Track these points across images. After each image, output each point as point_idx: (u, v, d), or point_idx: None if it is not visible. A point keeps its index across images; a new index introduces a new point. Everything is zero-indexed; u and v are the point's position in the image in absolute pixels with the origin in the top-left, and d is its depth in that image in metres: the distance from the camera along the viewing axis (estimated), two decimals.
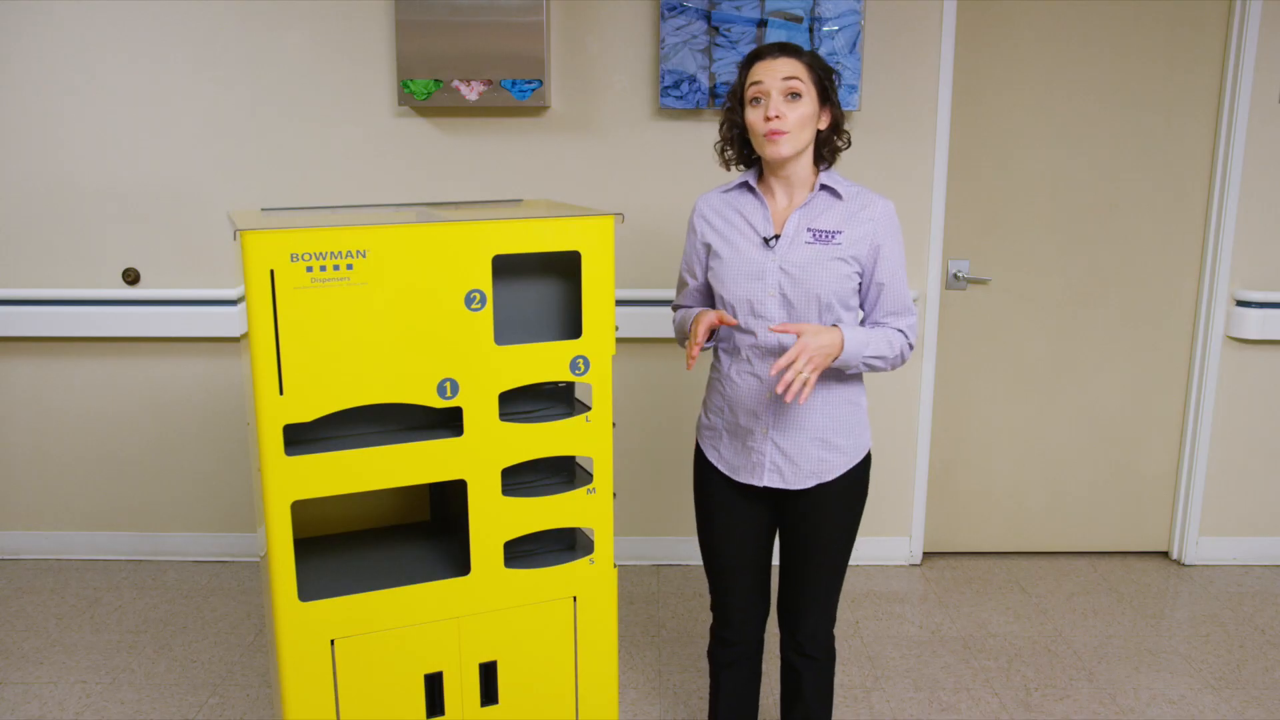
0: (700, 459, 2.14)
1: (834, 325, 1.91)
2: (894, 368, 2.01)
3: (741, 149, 2.04)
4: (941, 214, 3.33)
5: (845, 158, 3.26)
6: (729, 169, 2.09)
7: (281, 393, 1.71)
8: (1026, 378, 3.53)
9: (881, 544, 3.57)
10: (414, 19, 3.08)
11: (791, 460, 2.01)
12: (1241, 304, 3.40)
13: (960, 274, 3.43)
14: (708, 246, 2.04)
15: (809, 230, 1.95)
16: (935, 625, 3.15)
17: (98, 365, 3.46)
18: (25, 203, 3.34)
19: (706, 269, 2.06)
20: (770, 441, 2.01)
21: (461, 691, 1.97)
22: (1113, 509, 3.63)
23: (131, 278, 3.38)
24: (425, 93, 3.13)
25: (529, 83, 3.12)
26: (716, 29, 3.13)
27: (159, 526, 3.58)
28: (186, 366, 3.45)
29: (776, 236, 1.97)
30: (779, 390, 1.81)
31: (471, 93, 3.13)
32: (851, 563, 3.58)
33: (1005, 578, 3.49)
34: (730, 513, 2.11)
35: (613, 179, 3.29)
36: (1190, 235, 3.44)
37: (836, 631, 3.11)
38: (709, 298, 2.10)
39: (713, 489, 2.12)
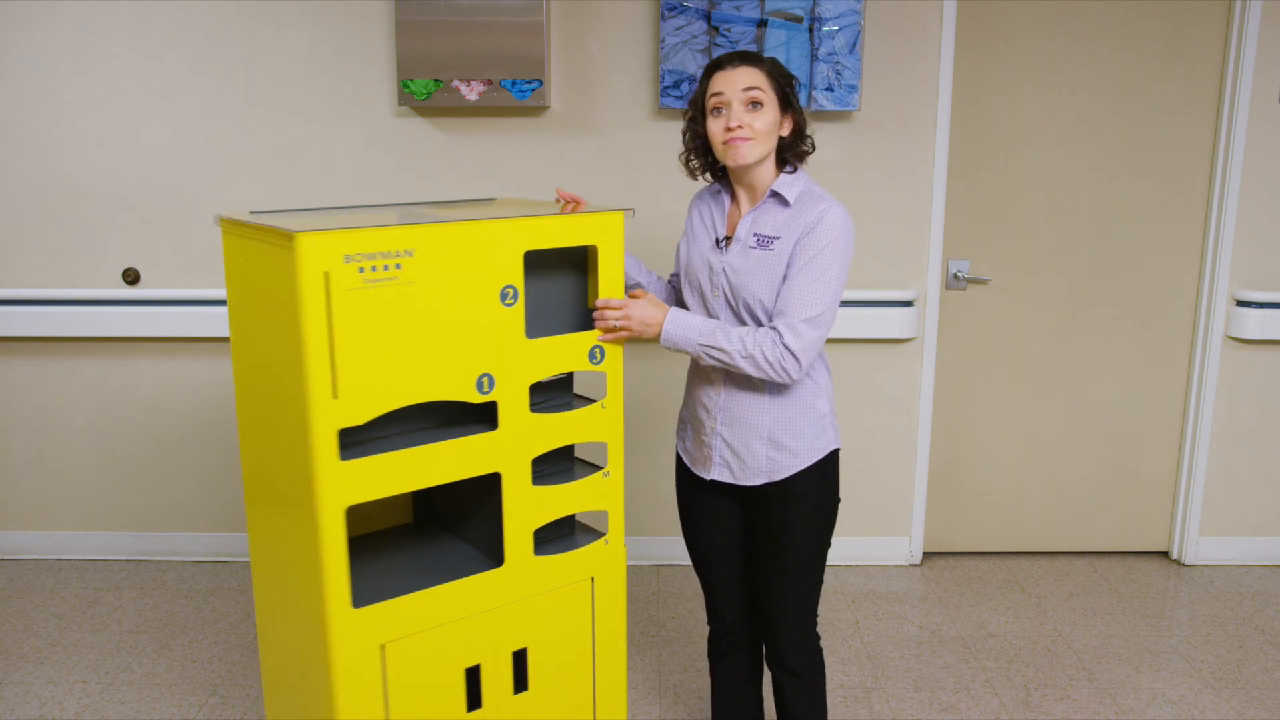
0: (676, 451, 2.19)
1: (668, 308, 1.96)
2: (760, 371, 1.89)
3: (706, 158, 2.04)
4: (941, 214, 3.33)
5: (846, 156, 3.29)
6: (695, 179, 2.10)
7: (336, 396, 1.69)
8: (1026, 378, 3.53)
9: (881, 544, 3.58)
10: (414, 19, 3.08)
11: (739, 457, 2.01)
12: (1241, 304, 3.40)
13: (960, 274, 3.43)
14: (683, 244, 2.13)
15: (754, 235, 1.96)
16: (935, 625, 3.15)
17: (98, 365, 3.46)
18: (25, 202, 3.35)
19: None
20: (719, 436, 2.03)
21: (496, 682, 2.01)
22: (1113, 509, 3.63)
23: (131, 278, 3.38)
24: (425, 93, 3.13)
25: (529, 83, 3.12)
26: (716, 29, 3.13)
27: (159, 526, 3.58)
28: (186, 366, 3.45)
29: (728, 238, 2.00)
30: (595, 318, 1.94)
31: (471, 93, 3.13)
32: (851, 563, 3.58)
33: (1005, 578, 3.49)
34: (700, 505, 2.14)
35: (613, 179, 3.29)
36: (1190, 235, 3.44)
37: (837, 632, 3.11)
38: None
39: (683, 481, 2.17)
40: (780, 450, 1.99)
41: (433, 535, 2.18)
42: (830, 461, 2.04)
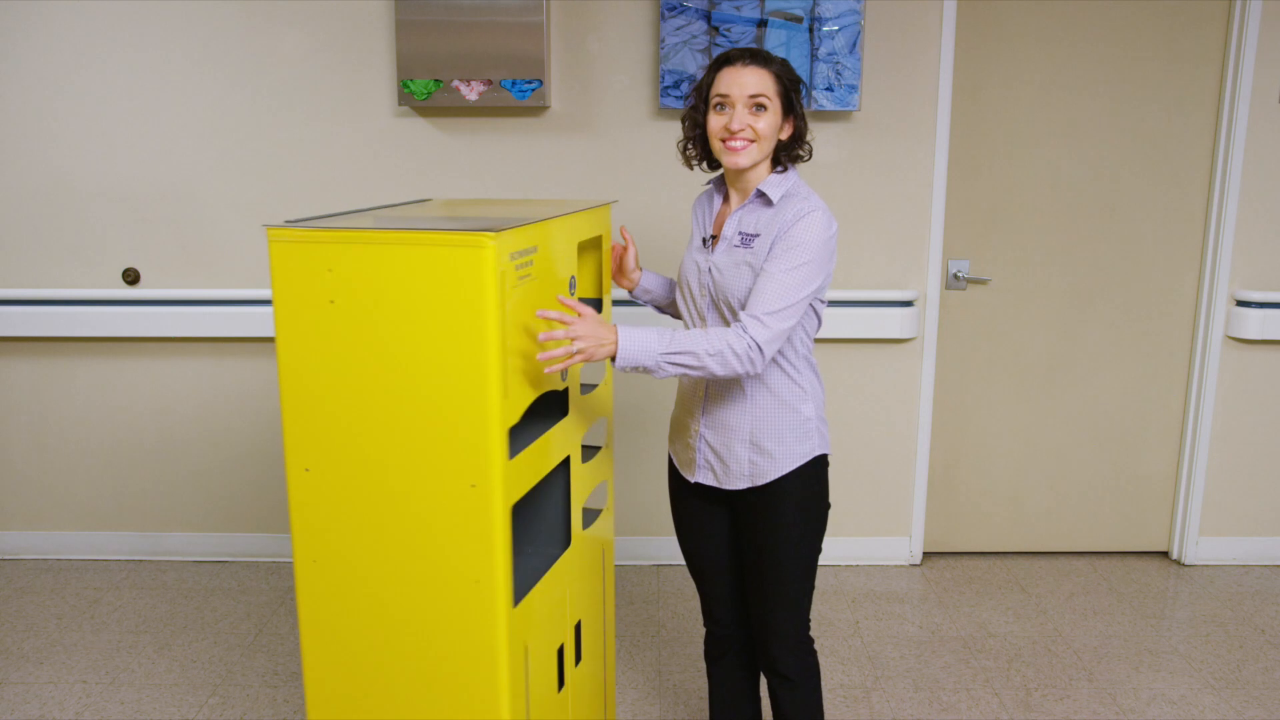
0: (668, 453, 2.20)
1: (614, 325, 1.83)
2: (728, 369, 1.83)
3: (703, 148, 2.03)
4: (941, 214, 3.33)
5: (846, 156, 3.29)
6: (692, 168, 2.09)
7: (506, 395, 1.68)
8: (1026, 378, 3.53)
9: (881, 544, 3.58)
10: (414, 19, 3.08)
11: (722, 460, 2.01)
12: (1241, 304, 3.40)
13: (960, 274, 3.43)
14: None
15: (739, 234, 1.95)
16: (935, 625, 3.15)
17: (98, 365, 3.46)
18: (25, 203, 3.35)
19: None
20: (703, 439, 2.03)
21: (570, 658, 2.08)
22: (1113, 509, 3.63)
23: (131, 278, 3.38)
24: (425, 93, 3.13)
25: (529, 83, 3.12)
26: (716, 29, 3.13)
27: (159, 526, 3.58)
28: (186, 366, 3.45)
29: (715, 237, 2.00)
30: (541, 338, 1.75)
31: (471, 93, 3.13)
32: (851, 563, 3.58)
33: (1005, 578, 3.49)
34: (689, 509, 2.14)
35: (613, 179, 3.29)
36: (1190, 235, 3.44)
37: (837, 632, 3.11)
38: None
39: (674, 484, 2.18)
40: (761, 454, 1.97)
41: None
42: (815, 467, 2.00)
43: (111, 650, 2.98)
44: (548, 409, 1.98)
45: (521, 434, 1.86)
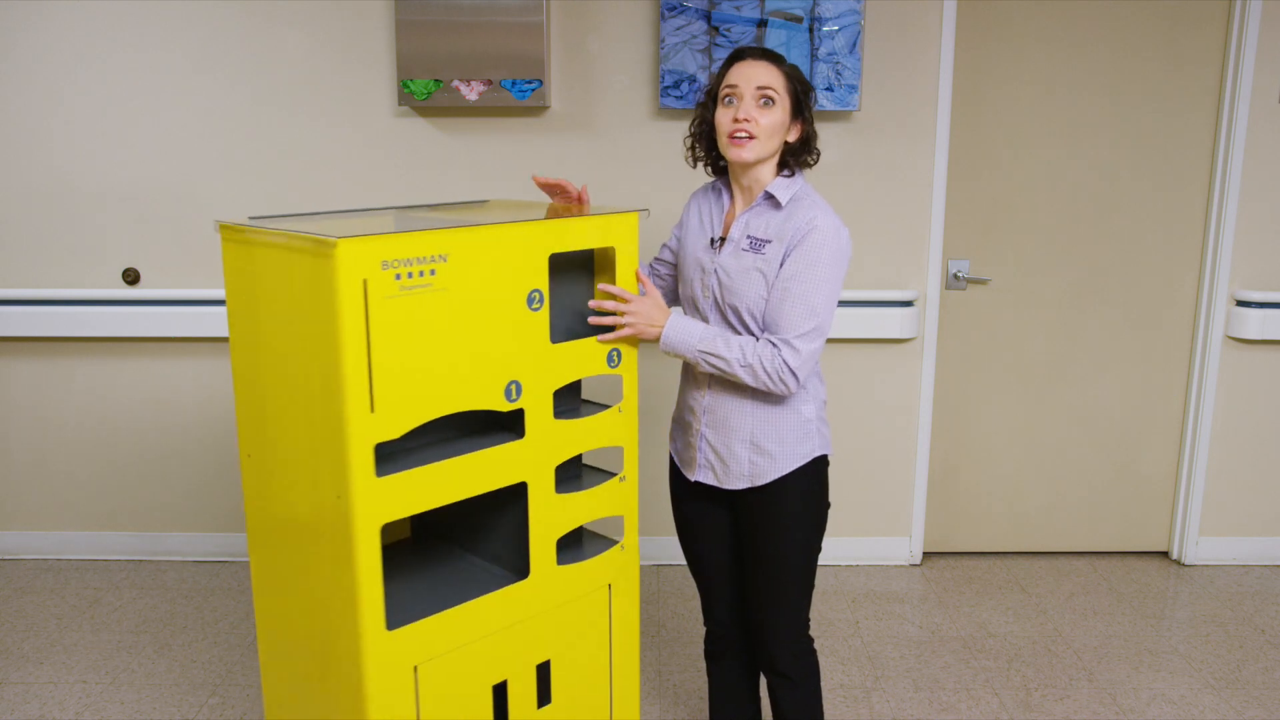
0: (669, 453, 2.20)
1: (671, 311, 1.97)
2: (758, 382, 1.88)
3: (709, 148, 2.03)
4: (941, 214, 3.33)
5: (846, 156, 3.29)
6: (695, 166, 2.09)
7: (373, 410, 1.61)
8: (1026, 378, 3.53)
9: (881, 544, 3.58)
10: (414, 19, 3.08)
11: (722, 460, 2.01)
12: (1241, 304, 3.40)
13: (960, 274, 3.43)
14: (679, 235, 2.14)
15: (748, 237, 1.95)
16: (935, 625, 3.15)
17: (98, 365, 3.46)
18: (24, 203, 3.35)
19: (676, 251, 2.17)
20: (704, 439, 2.03)
21: (522, 696, 1.96)
22: (1113, 509, 3.63)
23: (131, 278, 3.38)
24: (425, 93, 3.13)
25: (529, 83, 3.12)
26: (716, 29, 3.13)
27: (159, 526, 3.58)
28: (186, 367, 3.45)
29: (723, 239, 1.99)
30: (592, 305, 1.93)
31: (471, 93, 3.13)
32: (851, 563, 3.58)
33: (1005, 578, 3.49)
34: (689, 508, 2.14)
35: (613, 179, 3.29)
36: (1190, 235, 3.44)
37: (837, 632, 3.11)
38: (674, 269, 2.20)
39: (675, 483, 2.17)
40: (761, 454, 1.97)
41: (438, 551, 2.13)
42: (815, 468, 2.01)
43: (111, 650, 2.98)
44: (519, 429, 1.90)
45: (424, 453, 1.79)
